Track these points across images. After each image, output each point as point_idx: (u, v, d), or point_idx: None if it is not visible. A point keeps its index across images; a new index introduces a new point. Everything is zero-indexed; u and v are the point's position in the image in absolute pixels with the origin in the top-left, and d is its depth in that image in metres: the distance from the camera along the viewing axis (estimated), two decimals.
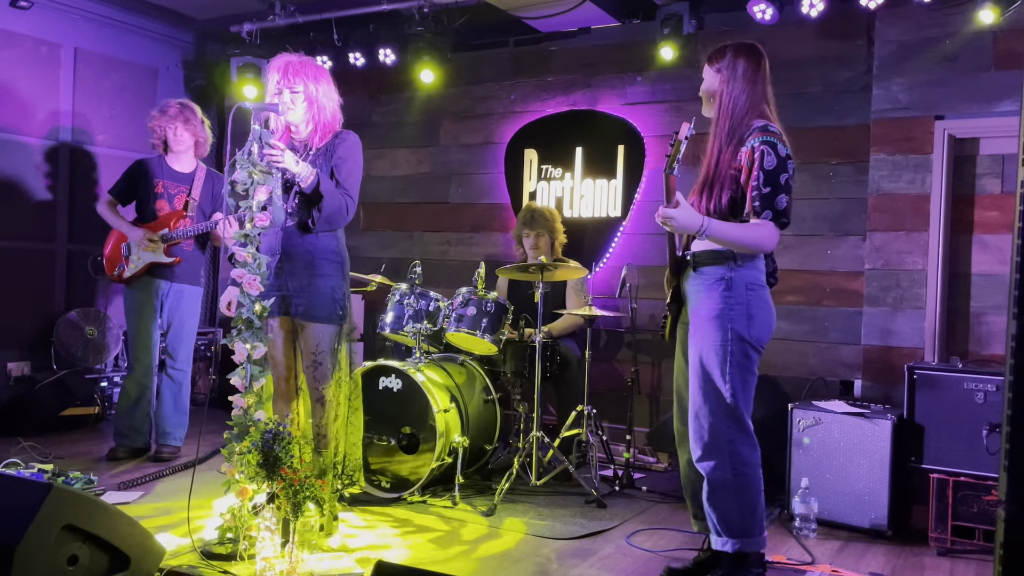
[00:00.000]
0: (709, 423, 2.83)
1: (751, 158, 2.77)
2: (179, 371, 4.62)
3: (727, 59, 2.89)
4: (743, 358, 2.81)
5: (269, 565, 2.86)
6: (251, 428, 3.06)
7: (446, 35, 5.47)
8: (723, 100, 2.87)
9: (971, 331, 4.38)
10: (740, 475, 2.82)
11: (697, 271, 2.90)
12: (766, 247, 2.80)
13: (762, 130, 2.80)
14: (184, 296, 4.58)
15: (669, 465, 4.88)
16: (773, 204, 2.75)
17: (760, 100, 2.88)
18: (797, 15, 4.57)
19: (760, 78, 2.88)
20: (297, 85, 3.32)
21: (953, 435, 3.70)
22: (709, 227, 2.73)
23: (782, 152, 2.77)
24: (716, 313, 2.82)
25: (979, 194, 4.38)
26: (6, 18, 5.39)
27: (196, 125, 4.57)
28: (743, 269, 2.83)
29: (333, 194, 3.30)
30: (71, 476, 3.87)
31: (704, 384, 2.84)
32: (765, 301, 2.86)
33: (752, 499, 2.84)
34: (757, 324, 2.82)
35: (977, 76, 4.24)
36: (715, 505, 2.85)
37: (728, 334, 2.80)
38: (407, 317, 4.25)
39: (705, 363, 2.84)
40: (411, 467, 4.01)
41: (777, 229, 2.77)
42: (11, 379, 5.43)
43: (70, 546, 2.54)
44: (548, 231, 4.94)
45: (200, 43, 6.61)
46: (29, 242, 5.59)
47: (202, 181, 4.61)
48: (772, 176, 2.74)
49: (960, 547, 3.52)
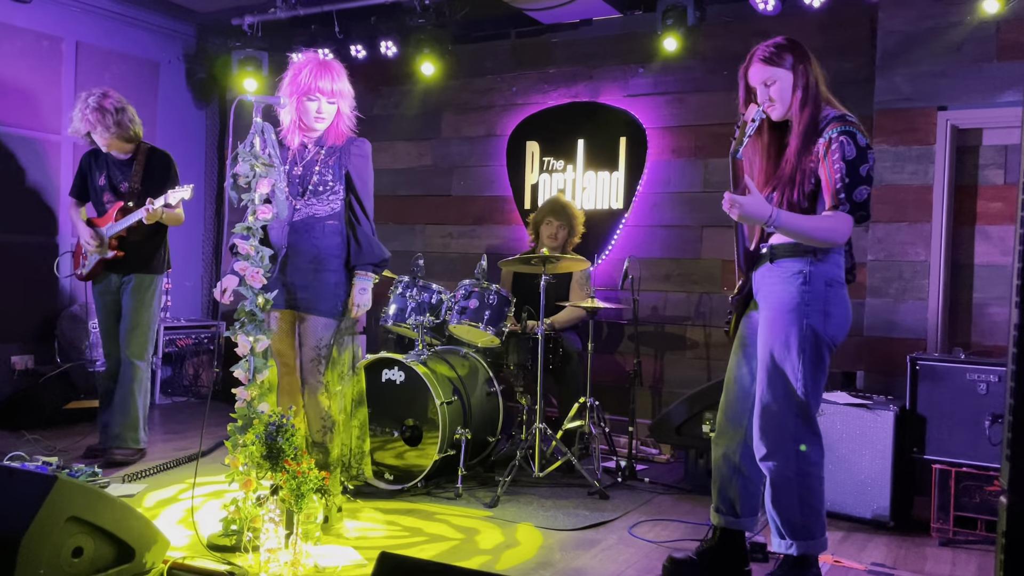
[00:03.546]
0: (777, 420, 2.73)
1: (828, 148, 2.66)
2: (127, 366, 4.32)
3: (793, 56, 2.77)
4: (816, 356, 2.72)
5: (273, 556, 2.86)
6: (255, 420, 3.07)
7: (447, 27, 5.47)
8: (804, 94, 2.74)
9: (973, 322, 4.38)
10: (805, 475, 2.72)
11: (774, 263, 2.79)
12: (838, 240, 2.67)
13: (840, 119, 2.69)
14: (131, 285, 4.33)
15: (672, 457, 4.89)
16: (852, 196, 2.63)
17: (826, 91, 2.81)
18: (799, 6, 4.56)
19: (819, 71, 2.81)
20: (334, 98, 3.36)
21: (955, 426, 3.70)
22: (778, 217, 2.63)
23: (862, 142, 2.66)
24: (792, 307, 2.73)
25: (982, 185, 4.38)
26: (7, 12, 5.39)
27: (110, 124, 4.23)
28: (823, 264, 2.73)
29: (365, 244, 3.44)
30: (75, 469, 3.89)
31: (774, 380, 2.74)
32: (843, 299, 2.76)
33: (816, 500, 2.75)
34: (833, 322, 2.73)
35: (980, 67, 4.23)
36: (778, 506, 2.76)
37: (803, 330, 2.70)
38: (410, 310, 4.26)
39: (777, 358, 2.74)
40: (414, 459, 4.02)
41: (852, 221, 2.64)
42: (15, 373, 5.45)
43: (75, 538, 2.55)
44: (570, 225, 4.95)
45: (201, 36, 6.59)
46: (32, 236, 5.60)
47: (142, 166, 4.35)
48: (852, 167, 2.63)
49: (962, 537, 3.52)
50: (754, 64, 2.82)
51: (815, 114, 2.74)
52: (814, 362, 2.72)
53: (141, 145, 4.40)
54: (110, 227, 4.29)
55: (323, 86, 3.32)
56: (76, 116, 4.28)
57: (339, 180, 3.41)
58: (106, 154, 4.38)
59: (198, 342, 6.20)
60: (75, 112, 4.29)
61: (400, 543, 3.30)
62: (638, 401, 4.62)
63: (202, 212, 6.81)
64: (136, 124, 4.36)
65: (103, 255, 4.31)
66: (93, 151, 4.44)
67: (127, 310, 4.36)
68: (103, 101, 4.23)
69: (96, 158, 4.42)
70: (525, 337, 4.36)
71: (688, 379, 5.09)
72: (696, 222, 5.17)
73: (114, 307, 4.41)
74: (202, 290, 6.86)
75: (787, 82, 2.77)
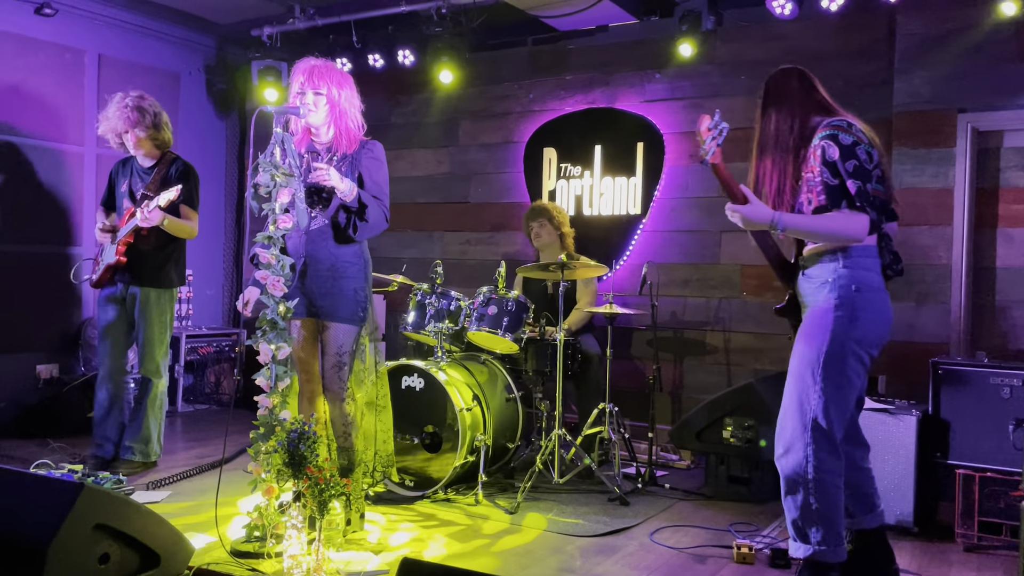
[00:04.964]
0: (792, 425, 2.76)
1: (813, 156, 2.75)
2: (138, 379, 4.35)
3: (761, 93, 2.95)
4: (840, 363, 2.72)
5: (296, 562, 2.89)
6: (277, 428, 3.10)
7: (464, 35, 5.49)
8: (765, 126, 2.90)
9: (996, 326, 4.34)
10: (818, 482, 2.72)
11: (805, 274, 2.87)
12: (850, 232, 2.69)
13: (826, 125, 2.78)
14: (140, 299, 4.28)
15: (692, 463, 4.87)
16: (845, 191, 2.68)
17: (801, 105, 2.87)
18: (817, 9, 4.54)
19: (791, 90, 2.90)
20: (321, 87, 3.35)
21: (979, 430, 3.67)
22: (780, 220, 2.72)
23: (845, 140, 2.71)
24: (819, 315, 2.76)
25: (1004, 187, 4.34)
26: (32, 25, 5.48)
27: (148, 123, 4.25)
28: (849, 269, 2.75)
29: (374, 206, 3.38)
30: (100, 476, 3.93)
31: (795, 384, 2.78)
32: (873, 303, 2.75)
33: (828, 508, 2.74)
34: (861, 326, 2.72)
35: (1000, 68, 4.20)
36: (790, 509, 2.79)
37: (827, 336, 2.72)
38: (429, 317, 4.28)
39: (800, 364, 2.78)
40: (434, 465, 4.03)
41: (854, 214, 2.67)
42: (40, 382, 5.52)
43: (101, 544, 2.58)
44: (548, 219, 4.96)
45: (221, 47, 6.67)
46: (55, 246, 5.68)
47: (162, 174, 4.31)
48: (835, 167, 2.70)
49: (987, 543, 3.49)
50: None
51: (782, 136, 2.84)
52: (837, 369, 2.73)
53: (167, 154, 4.41)
54: (119, 233, 4.28)
55: (305, 78, 3.36)
56: (113, 114, 4.24)
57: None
58: (132, 162, 4.39)
59: (219, 350, 6.25)
60: (111, 111, 4.26)
61: (421, 549, 3.31)
62: (657, 407, 4.61)
63: (223, 222, 6.88)
64: (168, 129, 4.38)
65: (108, 261, 4.27)
66: (122, 160, 4.46)
67: (139, 326, 4.32)
68: (141, 102, 4.27)
69: (124, 166, 4.44)
70: (544, 343, 4.37)
71: (708, 384, 5.07)
72: (714, 227, 5.16)
73: (116, 315, 4.33)
74: (223, 299, 6.92)
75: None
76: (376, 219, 3.39)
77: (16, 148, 5.45)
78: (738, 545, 3.30)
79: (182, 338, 5.99)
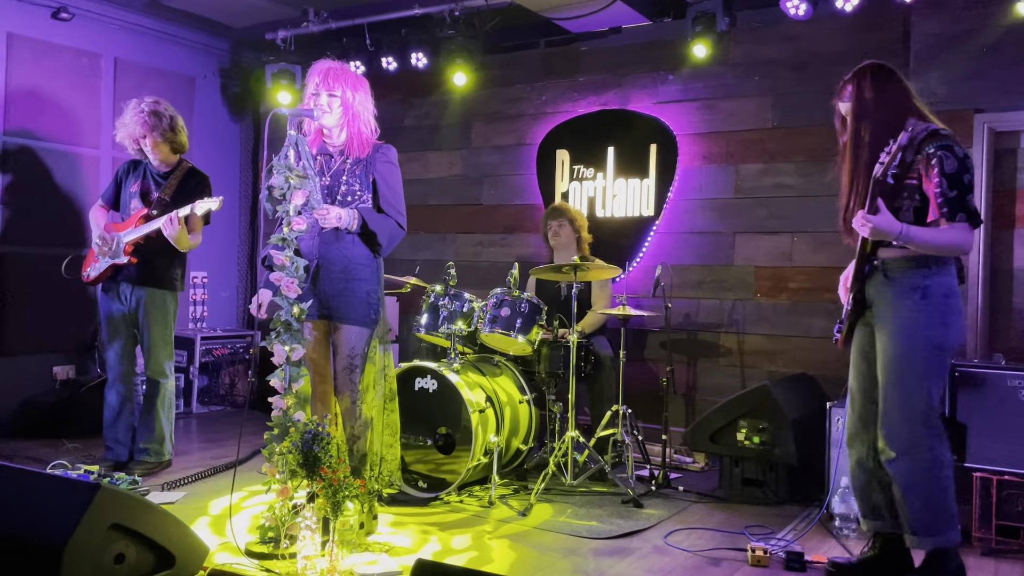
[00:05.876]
0: (905, 428, 2.86)
1: (929, 165, 2.79)
2: (145, 382, 4.38)
3: (850, 89, 2.98)
4: (939, 365, 2.87)
5: (310, 563, 2.90)
6: (291, 429, 3.11)
7: (477, 38, 5.50)
8: (856, 124, 2.95)
9: (1014, 328, 4.30)
10: (936, 478, 2.86)
11: (889, 278, 2.91)
12: (964, 248, 2.81)
13: (935, 135, 2.83)
14: (143, 301, 4.30)
15: (706, 465, 4.85)
16: (965, 206, 2.76)
17: (898, 105, 2.91)
18: (831, 10, 4.53)
19: (890, 88, 2.94)
20: (335, 89, 3.38)
21: (996, 433, 3.64)
22: (908, 232, 2.76)
23: (959, 152, 2.79)
24: (912, 322, 2.85)
25: (1021, 188, 4.30)
26: (48, 30, 5.53)
27: (165, 128, 4.27)
28: (939, 276, 2.85)
29: (383, 223, 3.42)
30: (116, 477, 3.96)
31: (899, 390, 2.88)
32: (958, 308, 2.89)
33: (946, 498, 2.87)
34: (952, 331, 2.87)
35: (1017, 68, 4.17)
36: (910, 507, 2.89)
37: (926, 342, 2.84)
38: (442, 318, 4.28)
39: (901, 370, 2.87)
40: (447, 467, 4.03)
41: (972, 229, 2.78)
42: (57, 383, 5.56)
43: (117, 544, 2.60)
44: (568, 220, 4.97)
45: (236, 51, 6.71)
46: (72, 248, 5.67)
47: (178, 181, 4.35)
48: (956, 179, 2.76)
49: (1005, 547, 3.46)
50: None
51: (877, 135, 2.88)
52: (938, 372, 2.87)
53: (183, 162, 4.44)
54: (128, 232, 4.27)
55: (320, 80, 3.38)
56: (130, 120, 4.27)
57: (366, 189, 3.45)
58: (146, 165, 4.41)
59: (234, 352, 6.29)
60: (127, 117, 4.28)
61: (434, 550, 3.31)
62: (671, 409, 4.59)
63: (237, 224, 6.92)
64: (184, 132, 4.40)
65: (115, 259, 4.28)
66: (132, 161, 4.47)
67: (143, 328, 4.34)
68: (156, 106, 4.29)
69: (135, 167, 4.45)
70: (557, 345, 4.37)
71: (722, 387, 5.06)
72: (728, 228, 5.14)
73: (120, 317, 4.35)
74: (237, 300, 6.95)
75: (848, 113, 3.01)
76: (390, 236, 3.46)
77: (33, 152, 5.50)
78: (753, 548, 3.28)
79: (196, 340, 6.02)
